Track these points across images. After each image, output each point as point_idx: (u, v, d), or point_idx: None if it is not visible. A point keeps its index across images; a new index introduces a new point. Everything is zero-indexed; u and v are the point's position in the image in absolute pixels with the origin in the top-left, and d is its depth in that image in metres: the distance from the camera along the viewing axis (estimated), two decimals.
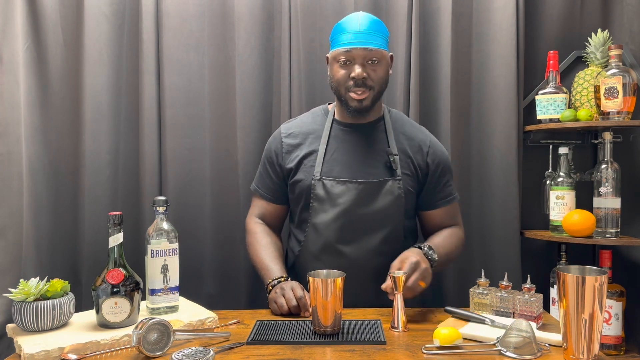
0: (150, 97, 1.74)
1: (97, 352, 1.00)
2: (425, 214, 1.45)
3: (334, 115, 1.43)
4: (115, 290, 1.07)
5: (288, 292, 1.24)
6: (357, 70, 1.29)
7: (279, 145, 1.43)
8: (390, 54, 1.37)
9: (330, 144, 1.38)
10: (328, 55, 1.38)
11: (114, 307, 1.07)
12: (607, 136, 1.69)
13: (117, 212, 1.12)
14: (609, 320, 1.65)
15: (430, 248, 1.28)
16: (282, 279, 1.31)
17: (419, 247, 1.28)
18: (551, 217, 1.77)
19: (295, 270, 1.43)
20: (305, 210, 1.38)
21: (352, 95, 1.31)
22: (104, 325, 1.07)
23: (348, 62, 1.30)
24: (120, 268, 1.10)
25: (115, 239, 1.12)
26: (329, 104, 1.50)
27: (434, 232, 1.44)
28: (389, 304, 1.37)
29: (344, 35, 1.30)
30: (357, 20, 1.30)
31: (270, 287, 1.30)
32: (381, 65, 1.32)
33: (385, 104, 1.79)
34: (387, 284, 1.17)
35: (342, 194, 1.33)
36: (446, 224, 1.45)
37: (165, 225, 1.19)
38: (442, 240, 1.39)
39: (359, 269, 1.31)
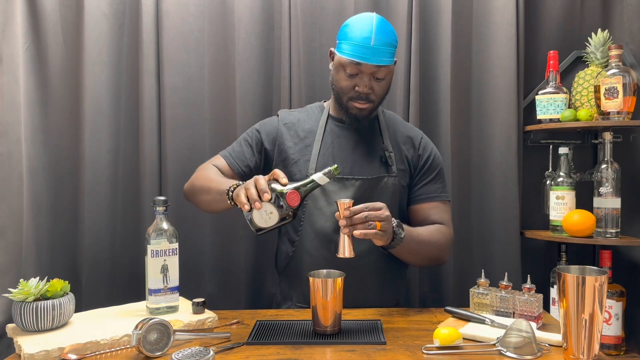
0: (150, 97, 1.74)
1: (97, 352, 1.00)
2: (411, 209, 1.41)
3: (329, 112, 1.43)
4: (281, 205, 1.07)
5: (251, 188, 1.10)
6: (364, 87, 1.29)
7: (274, 131, 1.41)
8: (395, 59, 1.34)
9: (325, 140, 1.38)
10: (333, 50, 1.34)
11: (267, 215, 1.07)
12: (607, 136, 1.69)
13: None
14: (609, 320, 1.65)
15: (399, 226, 1.21)
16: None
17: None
18: (551, 217, 1.77)
19: (291, 271, 1.40)
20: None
21: (355, 104, 1.32)
22: (250, 221, 1.09)
23: (355, 75, 1.29)
24: (302, 199, 1.09)
25: (322, 180, 1.10)
26: (324, 101, 1.49)
27: None
28: (389, 304, 1.37)
29: (355, 45, 1.26)
30: (371, 32, 1.26)
31: (234, 187, 1.19)
32: (387, 80, 1.33)
33: (386, 104, 1.80)
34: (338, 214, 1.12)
35: (338, 192, 1.33)
36: (431, 221, 1.38)
37: (165, 225, 1.19)
38: (422, 229, 1.33)
39: (358, 267, 1.30)
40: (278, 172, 1.10)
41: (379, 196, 1.33)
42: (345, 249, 1.12)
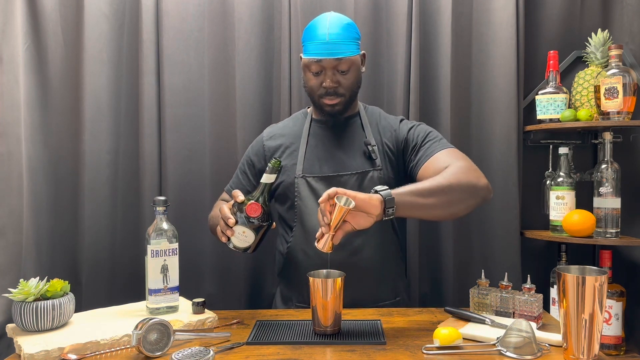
0: (150, 97, 1.74)
1: (97, 352, 1.00)
2: (419, 179, 1.32)
3: (312, 116, 1.45)
4: (251, 221, 1.13)
5: (220, 220, 1.15)
6: (329, 81, 1.32)
7: (260, 149, 1.45)
8: (363, 52, 1.38)
9: (310, 142, 1.41)
10: (301, 55, 1.37)
11: (242, 235, 1.14)
12: (607, 136, 1.69)
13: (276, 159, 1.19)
14: (609, 320, 1.65)
15: (384, 190, 1.11)
16: None
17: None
18: (551, 217, 1.77)
19: (288, 271, 1.41)
20: (290, 210, 1.38)
21: (325, 101, 1.35)
22: (234, 247, 1.16)
23: (319, 72, 1.33)
24: (262, 204, 1.15)
25: (268, 178, 1.17)
26: (308, 107, 1.50)
27: None
28: (389, 298, 1.37)
29: (314, 44, 1.31)
30: (326, 28, 1.30)
31: None
32: (352, 72, 1.34)
33: (386, 104, 1.81)
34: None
35: (325, 190, 1.32)
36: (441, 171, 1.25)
37: (165, 225, 1.19)
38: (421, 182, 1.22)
39: (353, 265, 1.30)
40: (233, 193, 1.15)
41: (365, 191, 1.32)
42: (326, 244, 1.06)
